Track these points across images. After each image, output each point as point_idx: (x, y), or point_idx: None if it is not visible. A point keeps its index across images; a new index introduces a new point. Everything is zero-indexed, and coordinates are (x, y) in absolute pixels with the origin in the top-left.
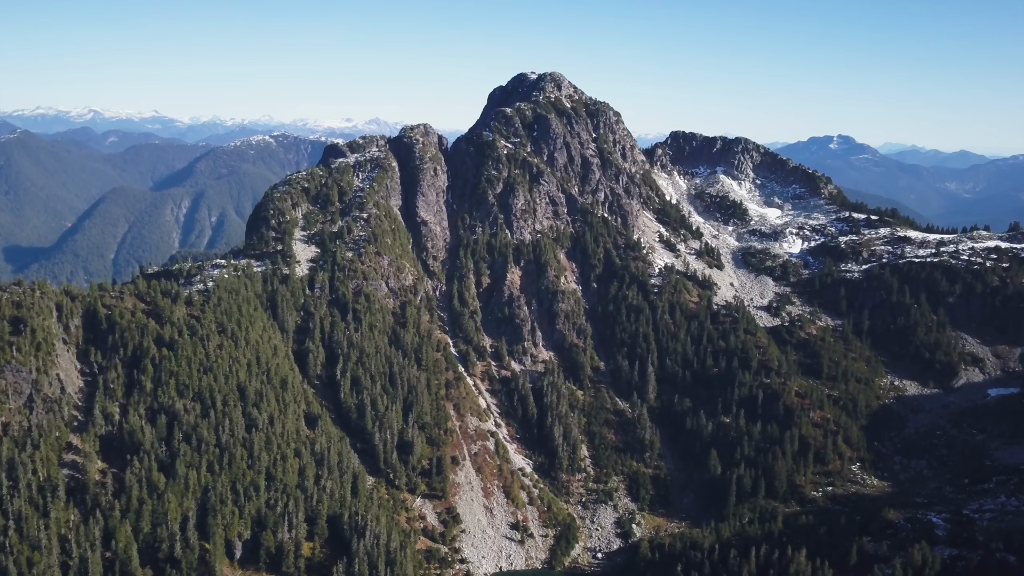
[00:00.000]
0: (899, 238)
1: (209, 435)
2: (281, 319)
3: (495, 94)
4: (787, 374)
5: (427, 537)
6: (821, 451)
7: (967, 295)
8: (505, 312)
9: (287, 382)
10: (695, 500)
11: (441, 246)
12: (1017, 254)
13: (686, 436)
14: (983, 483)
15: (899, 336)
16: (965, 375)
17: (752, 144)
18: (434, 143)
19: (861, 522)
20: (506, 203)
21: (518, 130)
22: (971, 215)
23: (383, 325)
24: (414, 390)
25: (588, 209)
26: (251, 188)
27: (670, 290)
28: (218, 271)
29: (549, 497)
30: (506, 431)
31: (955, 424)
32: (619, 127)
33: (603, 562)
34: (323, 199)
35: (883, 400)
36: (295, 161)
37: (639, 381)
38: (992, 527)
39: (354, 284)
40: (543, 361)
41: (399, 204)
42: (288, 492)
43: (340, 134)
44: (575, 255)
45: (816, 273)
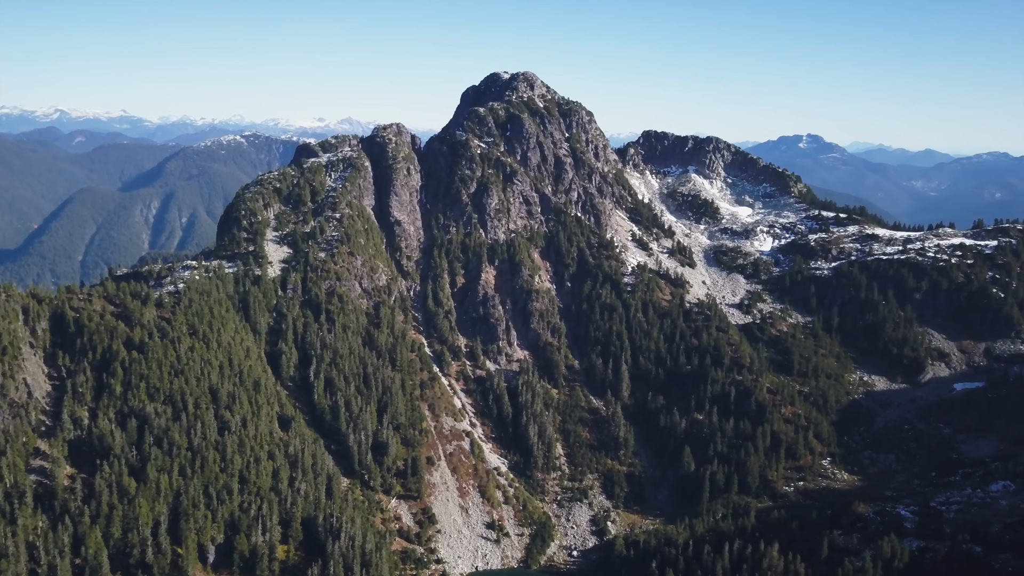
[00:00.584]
0: (867, 236)
1: (181, 438)
2: (253, 320)
3: (468, 94)
4: (759, 371)
5: (403, 538)
6: (792, 446)
7: (933, 291)
8: (480, 312)
9: (260, 384)
10: (669, 497)
11: (415, 246)
12: (981, 251)
13: (660, 433)
14: (950, 476)
15: (868, 332)
16: (932, 370)
17: (723, 143)
18: (407, 143)
19: (832, 516)
20: (480, 203)
21: (491, 130)
22: (937, 213)
23: (357, 326)
24: (388, 391)
25: (562, 208)
26: (222, 188)
27: (643, 288)
28: (189, 272)
29: (524, 496)
30: (481, 431)
31: (922, 418)
32: (591, 127)
33: (579, 560)
34: (295, 199)
35: (852, 395)
36: (267, 161)
37: (613, 379)
38: (959, 519)
39: (327, 285)
40: (518, 360)
41: (372, 204)
42: (262, 495)
43: (312, 134)
44: (549, 254)
45: (786, 271)
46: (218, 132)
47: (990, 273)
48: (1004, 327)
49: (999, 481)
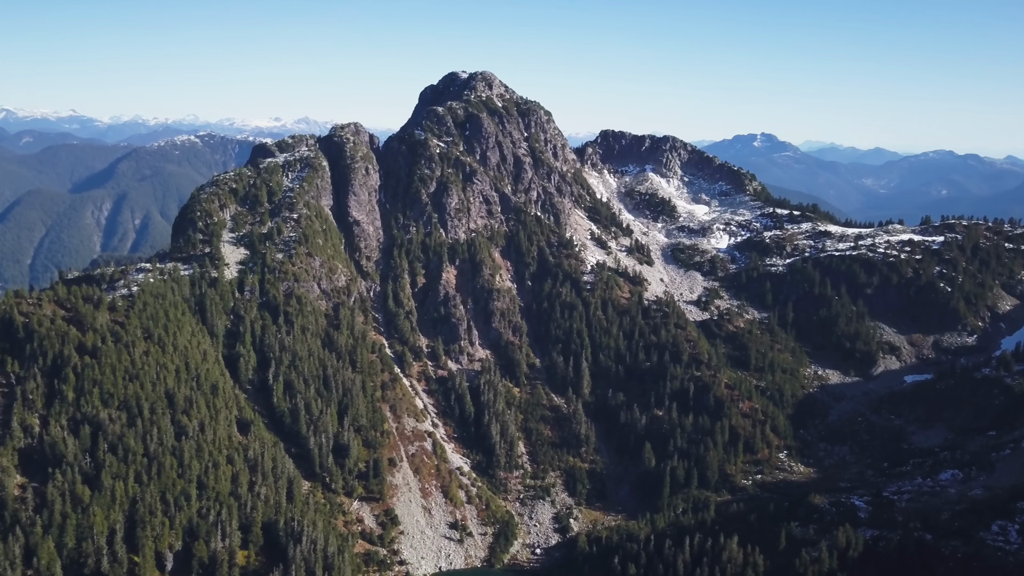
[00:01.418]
0: (820, 232)
1: (136, 444)
2: (210, 323)
3: (426, 93)
4: (717, 366)
5: (365, 540)
6: (750, 440)
7: (884, 286)
8: (441, 311)
9: (217, 388)
10: (631, 493)
11: (374, 246)
12: (929, 246)
13: (621, 430)
14: (901, 466)
15: (821, 327)
16: (883, 363)
17: (680, 142)
18: (365, 142)
19: (789, 508)
20: (440, 202)
21: (450, 129)
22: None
23: (316, 327)
24: (349, 392)
25: (521, 208)
26: (176, 189)
27: (602, 287)
28: (143, 275)
29: (487, 495)
30: (443, 431)
31: (875, 410)
32: (550, 126)
33: (542, 558)
34: (252, 200)
35: (807, 389)
36: (222, 161)
37: (574, 377)
38: (910, 508)
39: (285, 286)
40: (480, 360)
41: (330, 204)
42: (221, 500)
43: (268, 134)
44: (510, 253)
45: (742, 268)
46: (172, 132)
47: (937, 268)
48: (951, 321)
49: (948, 470)
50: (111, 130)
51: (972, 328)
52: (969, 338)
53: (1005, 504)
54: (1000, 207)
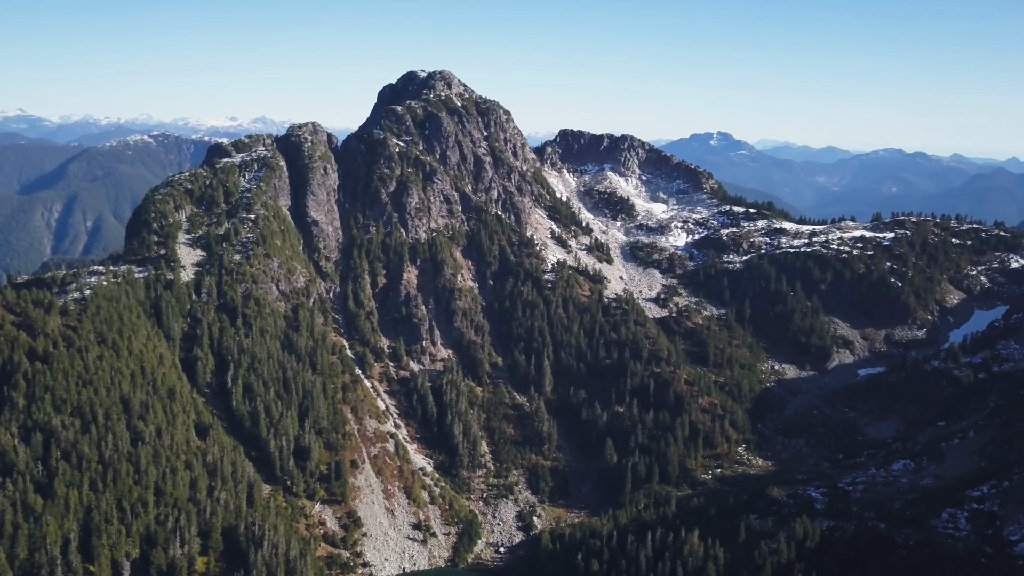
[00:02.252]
0: (775, 230)
1: (91, 451)
2: (166, 327)
3: (385, 92)
4: (676, 363)
5: (328, 543)
6: (710, 435)
7: (837, 282)
8: (402, 312)
9: (175, 392)
10: (593, 489)
11: (333, 246)
12: (880, 243)
13: (582, 427)
14: (855, 457)
15: (778, 322)
16: (837, 357)
17: (638, 141)
18: (323, 141)
19: (748, 501)
20: (400, 202)
21: (409, 128)
22: (839, 207)
23: (275, 329)
24: (309, 395)
25: (482, 207)
26: (130, 190)
27: (563, 285)
28: (96, 278)
29: (451, 495)
30: (406, 431)
31: (830, 403)
32: (509, 125)
33: (506, 556)
34: (208, 200)
35: (765, 384)
36: (177, 162)
37: (536, 375)
38: (864, 498)
39: (243, 288)
40: (442, 359)
41: (288, 204)
42: (179, 506)
43: (224, 133)
44: (471, 253)
45: (700, 265)
46: (124, 132)
47: (888, 263)
48: (902, 314)
49: (900, 460)
50: (61, 130)
51: (922, 322)
52: (919, 331)
53: (954, 492)
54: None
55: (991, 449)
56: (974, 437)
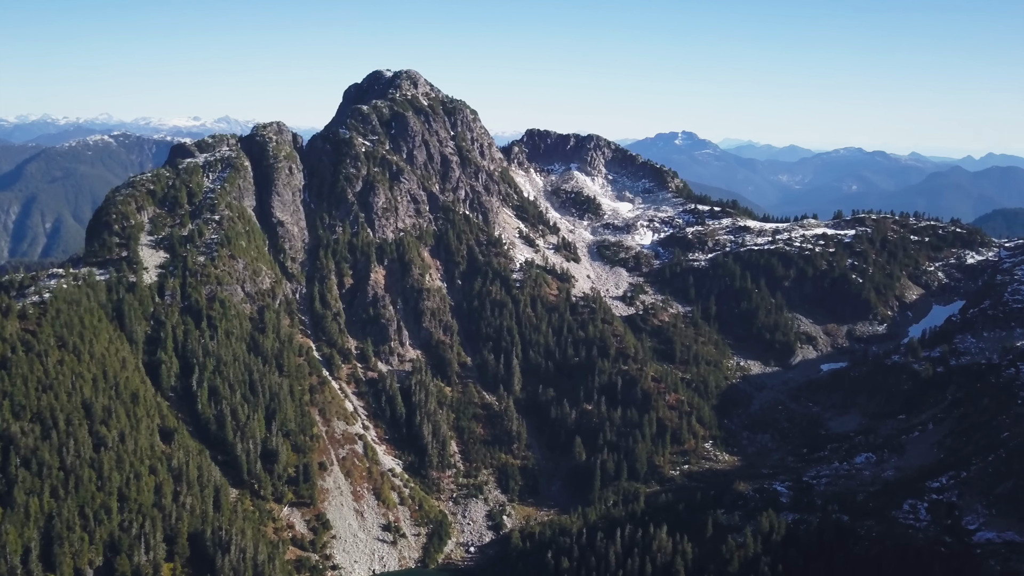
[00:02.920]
0: (740, 228)
1: (51, 458)
2: (129, 330)
3: (350, 91)
4: (643, 360)
5: (296, 546)
6: (677, 432)
7: (800, 279)
8: (370, 312)
9: (138, 396)
10: (562, 487)
11: (299, 247)
12: (841, 240)
13: (551, 425)
14: (819, 451)
15: (743, 319)
16: (801, 353)
17: (604, 141)
18: (288, 141)
19: (715, 496)
20: (366, 201)
21: (375, 128)
22: (801, 205)
23: (240, 331)
24: (276, 397)
25: (450, 207)
26: (90, 192)
27: (531, 284)
28: (55, 281)
29: (420, 495)
30: (375, 433)
31: (794, 399)
32: (476, 125)
33: (476, 556)
34: (171, 201)
35: (731, 380)
36: (139, 162)
37: (505, 374)
38: (828, 491)
39: (208, 290)
40: (410, 360)
41: (253, 205)
42: (144, 512)
43: (187, 133)
44: (439, 253)
45: (666, 263)
46: (84, 132)
47: (849, 260)
48: (863, 310)
49: (862, 453)
50: (18, 130)
51: (882, 317)
52: (880, 327)
53: (915, 484)
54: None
55: (949, 441)
56: (933, 429)
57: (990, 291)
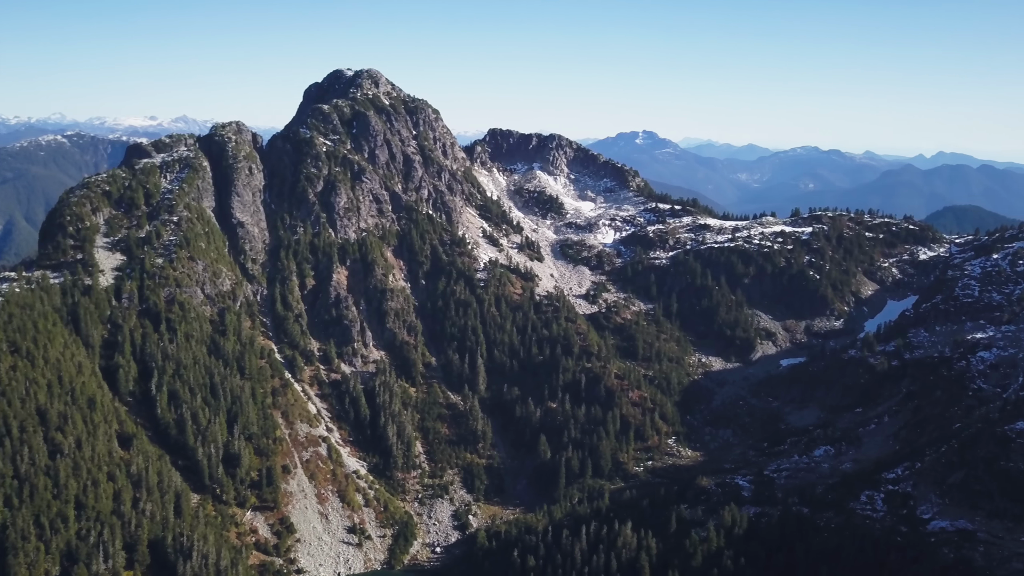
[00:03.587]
0: (700, 226)
1: (5, 466)
2: (85, 334)
3: (311, 91)
4: (606, 358)
5: (260, 551)
6: (641, 428)
7: (759, 276)
8: (332, 313)
9: (95, 401)
10: (528, 486)
11: (260, 248)
12: (799, 237)
13: (516, 424)
14: (779, 445)
15: (704, 316)
16: (761, 348)
17: (565, 140)
18: (248, 141)
19: (678, 491)
20: (328, 202)
21: (337, 127)
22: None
23: (200, 334)
24: (238, 400)
25: (413, 206)
26: (43, 193)
27: (495, 283)
28: (7, 285)
29: (385, 497)
30: (339, 435)
31: (754, 394)
32: (438, 124)
33: (442, 556)
34: (128, 203)
35: (692, 376)
36: (94, 163)
37: (470, 374)
38: (788, 484)
39: (166, 292)
40: (374, 361)
41: (212, 206)
42: (102, 519)
43: (144, 133)
44: (402, 252)
45: (628, 261)
46: (36, 132)
47: (807, 257)
48: (820, 306)
49: (821, 447)
50: None
51: (839, 313)
52: (837, 322)
53: (871, 475)
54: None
55: (904, 433)
56: (889, 422)
57: (942, 286)
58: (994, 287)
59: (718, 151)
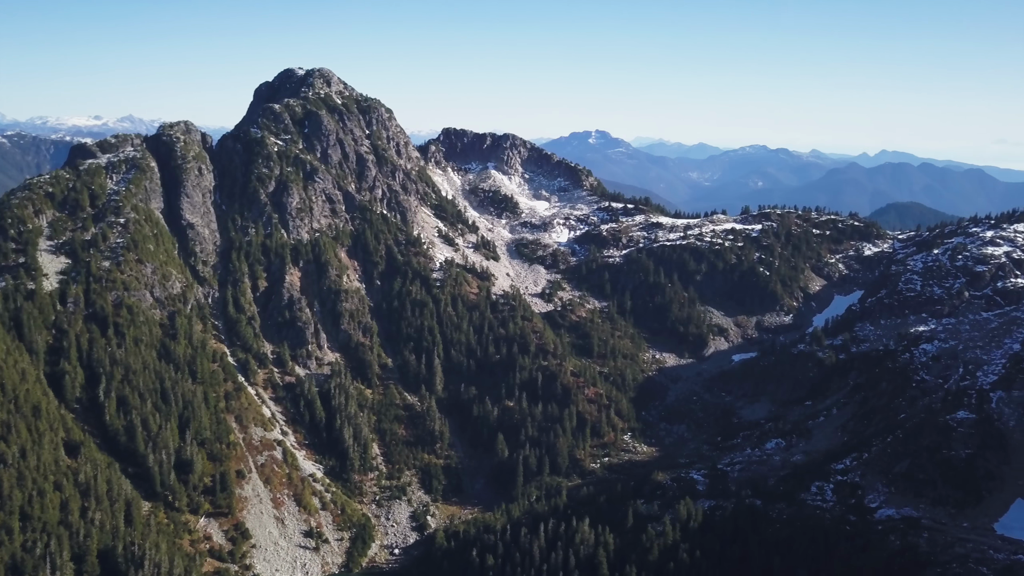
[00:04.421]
0: (652, 224)
1: None
2: (28, 340)
3: (261, 90)
4: (562, 355)
5: (214, 558)
6: (597, 425)
7: (711, 272)
8: (286, 315)
9: (40, 409)
10: (486, 485)
11: (211, 249)
12: (749, 234)
13: (474, 423)
14: (732, 439)
15: (657, 313)
16: (713, 344)
17: (519, 140)
18: (197, 141)
19: (635, 487)
20: (280, 202)
21: (288, 127)
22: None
23: (150, 338)
24: (190, 405)
25: (367, 206)
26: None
27: (451, 283)
28: None
29: (342, 499)
30: (294, 438)
31: (708, 389)
32: (392, 124)
33: (400, 557)
34: (72, 204)
35: (647, 373)
36: (35, 164)
37: (426, 374)
38: (741, 477)
39: (114, 296)
40: (329, 363)
41: (161, 207)
42: (49, 530)
43: (88, 133)
44: (356, 253)
45: (583, 260)
46: None
47: (757, 254)
48: (771, 302)
49: (772, 440)
50: None
51: (788, 308)
52: (786, 317)
53: (821, 467)
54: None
55: (852, 424)
56: (837, 414)
57: (886, 281)
58: (935, 281)
59: (669, 150)
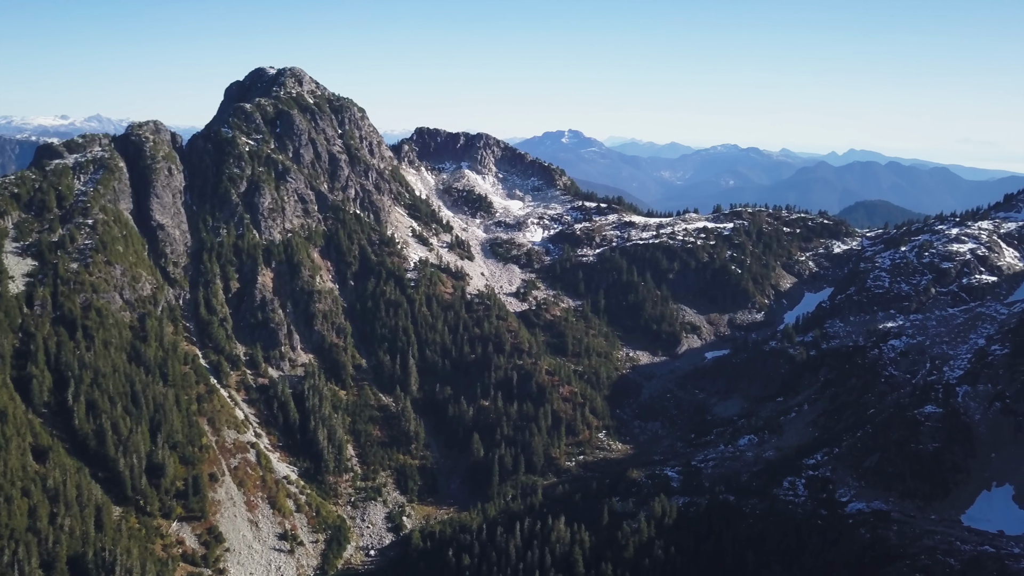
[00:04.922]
0: (625, 223)
1: None
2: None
3: (232, 89)
4: (537, 354)
5: (187, 562)
6: (572, 423)
7: (684, 271)
8: (258, 317)
9: (6, 414)
10: (462, 484)
11: (182, 251)
12: (721, 233)
13: (449, 423)
14: (706, 436)
15: (631, 311)
16: (687, 342)
17: (493, 139)
18: (167, 140)
19: (610, 485)
20: (252, 202)
21: (260, 126)
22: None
23: (120, 341)
24: (161, 408)
25: (340, 206)
26: None
27: (426, 283)
28: None
29: (317, 501)
30: (267, 440)
31: (681, 386)
32: (365, 123)
33: (376, 559)
34: (38, 205)
35: (621, 371)
36: (0, 164)
37: (401, 374)
38: (715, 473)
39: (82, 298)
40: (303, 364)
41: (130, 208)
42: (17, 537)
43: (55, 133)
44: (329, 253)
45: (557, 259)
46: None
47: (729, 252)
48: (743, 300)
49: (745, 436)
50: None
51: (760, 306)
52: (758, 315)
53: (793, 462)
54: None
55: (823, 420)
56: (808, 410)
57: (855, 278)
58: (903, 278)
59: (642, 149)
